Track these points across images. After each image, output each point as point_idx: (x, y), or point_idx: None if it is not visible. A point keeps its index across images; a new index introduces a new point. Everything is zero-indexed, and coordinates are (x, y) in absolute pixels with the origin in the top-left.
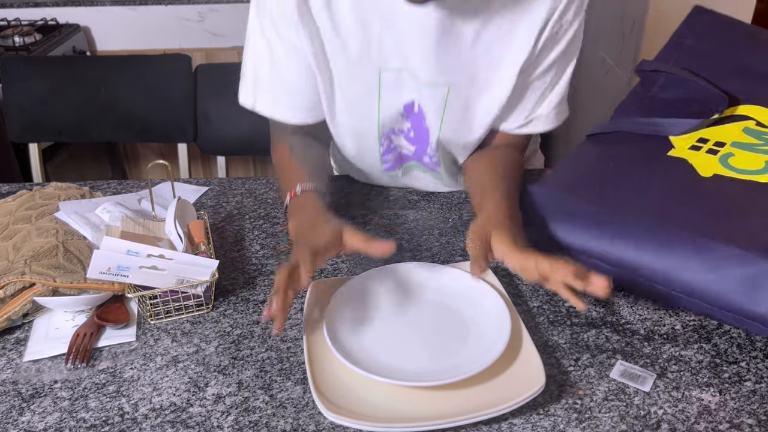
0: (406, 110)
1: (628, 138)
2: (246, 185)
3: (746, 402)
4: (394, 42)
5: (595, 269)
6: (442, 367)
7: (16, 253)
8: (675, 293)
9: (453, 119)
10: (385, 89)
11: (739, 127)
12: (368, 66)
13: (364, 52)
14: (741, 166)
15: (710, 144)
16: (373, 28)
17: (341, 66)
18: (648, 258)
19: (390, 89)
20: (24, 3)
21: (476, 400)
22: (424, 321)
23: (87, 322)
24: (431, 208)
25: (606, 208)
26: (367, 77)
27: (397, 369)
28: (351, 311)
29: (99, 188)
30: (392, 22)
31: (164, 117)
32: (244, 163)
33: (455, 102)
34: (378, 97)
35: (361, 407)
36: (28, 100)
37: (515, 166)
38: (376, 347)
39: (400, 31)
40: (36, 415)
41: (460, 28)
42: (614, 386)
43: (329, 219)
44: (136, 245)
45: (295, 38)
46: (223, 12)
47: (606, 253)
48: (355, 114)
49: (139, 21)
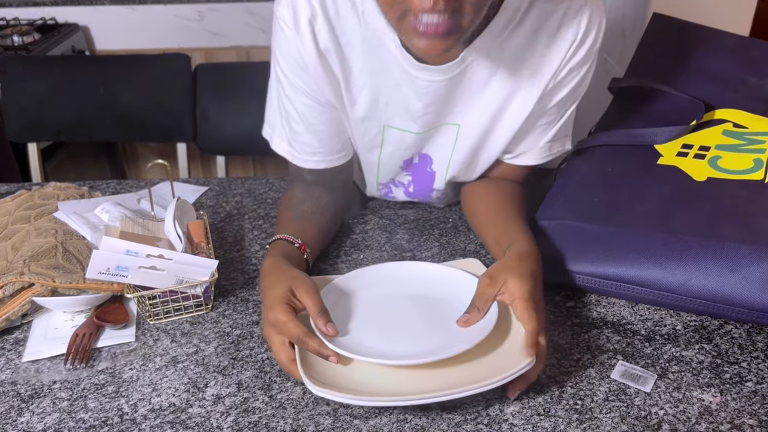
0: (405, 164)
1: (615, 151)
2: (245, 185)
3: (747, 402)
4: (401, 103)
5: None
6: (428, 348)
7: (14, 253)
8: (698, 301)
9: (460, 159)
10: (387, 145)
11: (719, 131)
12: (373, 121)
13: (370, 112)
14: (731, 167)
15: (695, 149)
16: (380, 88)
17: (350, 118)
18: (668, 270)
19: (391, 144)
20: (23, 2)
21: (461, 377)
22: (411, 309)
23: (86, 323)
24: (431, 208)
25: (617, 227)
26: (371, 131)
27: (382, 351)
28: (338, 302)
29: (98, 188)
30: (401, 83)
31: (164, 117)
32: (243, 163)
33: (464, 142)
34: (380, 150)
35: (346, 383)
36: (27, 99)
37: (520, 198)
38: (362, 332)
39: (407, 92)
40: (35, 415)
41: (473, 73)
42: (615, 387)
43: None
44: (136, 245)
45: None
46: (222, 12)
47: (626, 275)
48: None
49: (138, 20)
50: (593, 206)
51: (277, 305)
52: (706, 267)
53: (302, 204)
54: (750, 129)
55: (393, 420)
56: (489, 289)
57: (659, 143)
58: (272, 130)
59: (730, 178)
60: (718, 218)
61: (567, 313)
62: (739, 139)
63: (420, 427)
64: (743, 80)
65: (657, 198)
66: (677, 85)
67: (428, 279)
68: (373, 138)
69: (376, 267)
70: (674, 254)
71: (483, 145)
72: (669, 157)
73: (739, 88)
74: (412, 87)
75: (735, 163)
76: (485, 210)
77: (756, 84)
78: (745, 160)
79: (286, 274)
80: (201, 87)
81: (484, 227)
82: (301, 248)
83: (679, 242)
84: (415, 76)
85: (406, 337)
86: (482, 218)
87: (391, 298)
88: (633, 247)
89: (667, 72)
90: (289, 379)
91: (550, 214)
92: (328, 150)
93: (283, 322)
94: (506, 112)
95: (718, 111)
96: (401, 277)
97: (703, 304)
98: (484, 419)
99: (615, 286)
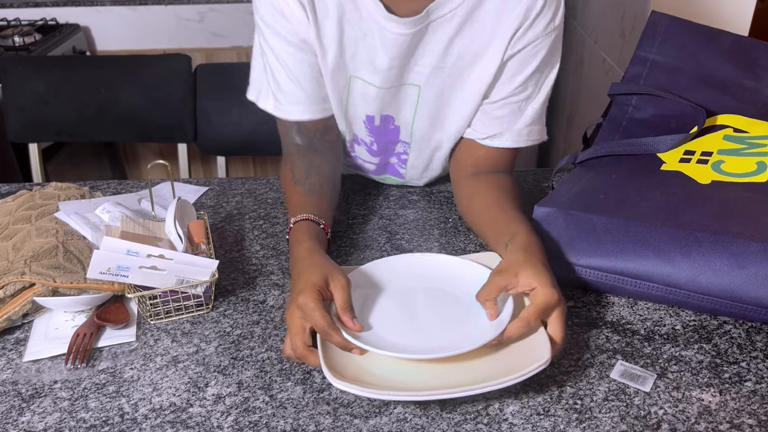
0: (368, 121)
1: (618, 160)
2: (246, 185)
3: (747, 402)
4: (368, 56)
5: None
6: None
7: (15, 253)
8: (705, 297)
9: (425, 116)
10: (351, 96)
11: (719, 136)
12: (341, 72)
13: (339, 61)
14: (735, 171)
15: (697, 155)
16: (349, 38)
17: (324, 69)
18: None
19: (355, 98)
20: (24, 3)
21: (476, 374)
22: (429, 303)
23: (87, 322)
24: (431, 208)
25: (624, 219)
26: (339, 84)
27: (400, 345)
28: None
29: (99, 188)
30: (369, 34)
31: (164, 117)
32: (244, 163)
33: (425, 100)
34: (346, 101)
35: (364, 377)
36: (27, 100)
37: (513, 190)
38: (380, 325)
39: (375, 44)
40: (36, 415)
41: (433, 37)
42: (614, 386)
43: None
44: (136, 245)
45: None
46: (223, 12)
47: (632, 268)
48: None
49: (139, 21)
50: (600, 201)
51: (308, 290)
52: (715, 263)
53: (308, 178)
54: (751, 133)
55: (393, 420)
56: (497, 279)
57: (662, 152)
58: (257, 92)
59: (735, 181)
60: (726, 216)
61: (567, 313)
62: (741, 143)
63: (420, 426)
64: (741, 84)
65: (663, 197)
66: (676, 89)
67: (445, 272)
68: (341, 91)
69: (395, 259)
70: (683, 249)
71: (445, 111)
72: (672, 163)
73: (737, 92)
74: (380, 38)
75: (738, 166)
76: (480, 206)
77: (753, 87)
78: (748, 164)
79: (324, 263)
80: (201, 87)
81: (482, 224)
82: (324, 229)
83: (689, 237)
84: (383, 26)
85: (424, 331)
86: (478, 214)
87: (409, 291)
88: (641, 239)
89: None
90: (290, 379)
91: (556, 203)
92: (311, 99)
93: (312, 309)
94: (468, 77)
95: (719, 116)
96: (418, 270)
97: (709, 300)
98: (484, 419)
99: (620, 280)
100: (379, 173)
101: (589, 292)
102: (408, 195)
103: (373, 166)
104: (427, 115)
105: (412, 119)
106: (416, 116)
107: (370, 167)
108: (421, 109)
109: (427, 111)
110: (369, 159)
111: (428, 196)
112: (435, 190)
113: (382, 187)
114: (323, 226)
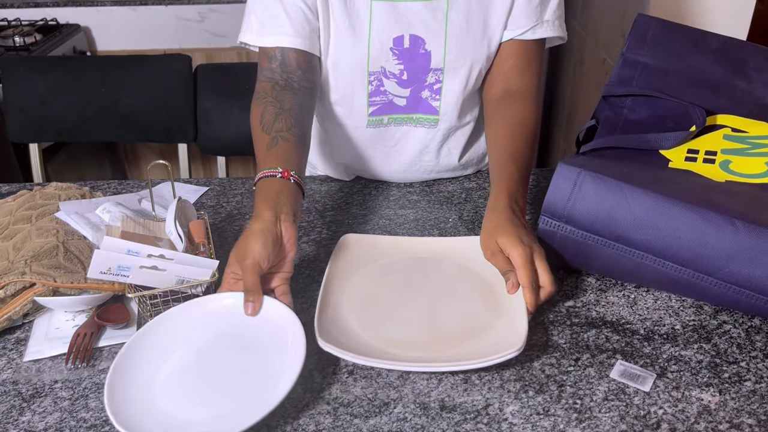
0: (396, 44)
1: (623, 154)
2: (246, 185)
3: (746, 402)
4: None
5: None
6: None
7: (16, 253)
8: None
9: (456, 35)
10: (376, 20)
11: (719, 135)
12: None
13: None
14: (745, 171)
15: (702, 154)
16: None
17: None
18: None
19: (381, 20)
20: (24, 3)
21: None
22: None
23: (87, 322)
24: (431, 208)
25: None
26: (359, 8)
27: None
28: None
29: (99, 188)
30: None
31: (164, 117)
32: (244, 163)
33: (456, 17)
34: (369, 28)
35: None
36: (28, 100)
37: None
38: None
39: None
40: (36, 414)
41: None
42: (614, 386)
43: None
44: (137, 245)
45: None
46: (223, 12)
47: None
48: (346, 48)
49: (139, 21)
50: (625, 174)
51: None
52: (752, 251)
53: (275, 122)
54: (750, 133)
55: (393, 419)
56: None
57: (665, 148)
58: (244, 30)
59: (749, 182)
60: (756, 207)
61: (566, 312)
62: (743, 143)
63: (420, 426)
64: (732, 85)
65: (687, 185)
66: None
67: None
68: (361, 14)
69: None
70: (718, 232)
71: (477, 19)
72: (678, 161)
73: (729, 93)
74: None
75: (747, 167)
76: (493, 142)
77: (745, 88)
78: (757, 165)
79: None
80: (201, 87)
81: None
82: (283, 175)
83: (727, 222)
84: None
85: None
86: (491, 149)
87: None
88: (676, 215)
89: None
90: None
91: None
92: (298, 32)
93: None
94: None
95: (718, 116)
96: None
97: (736, 291)
98: (484, 418)
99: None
100: (411, 111)
101: (589, 292)
102: (408, 195)
103: (403, 100)
104: (459, 26)
105: (444, 36)
106: (448, 30)
107: (401, 102)
108: (452, 19)
109: (458, 22)
110: (399, 92)
111: (428, 196)
112: (435, 190)
113: (382, 187)
114: (280, 174)
